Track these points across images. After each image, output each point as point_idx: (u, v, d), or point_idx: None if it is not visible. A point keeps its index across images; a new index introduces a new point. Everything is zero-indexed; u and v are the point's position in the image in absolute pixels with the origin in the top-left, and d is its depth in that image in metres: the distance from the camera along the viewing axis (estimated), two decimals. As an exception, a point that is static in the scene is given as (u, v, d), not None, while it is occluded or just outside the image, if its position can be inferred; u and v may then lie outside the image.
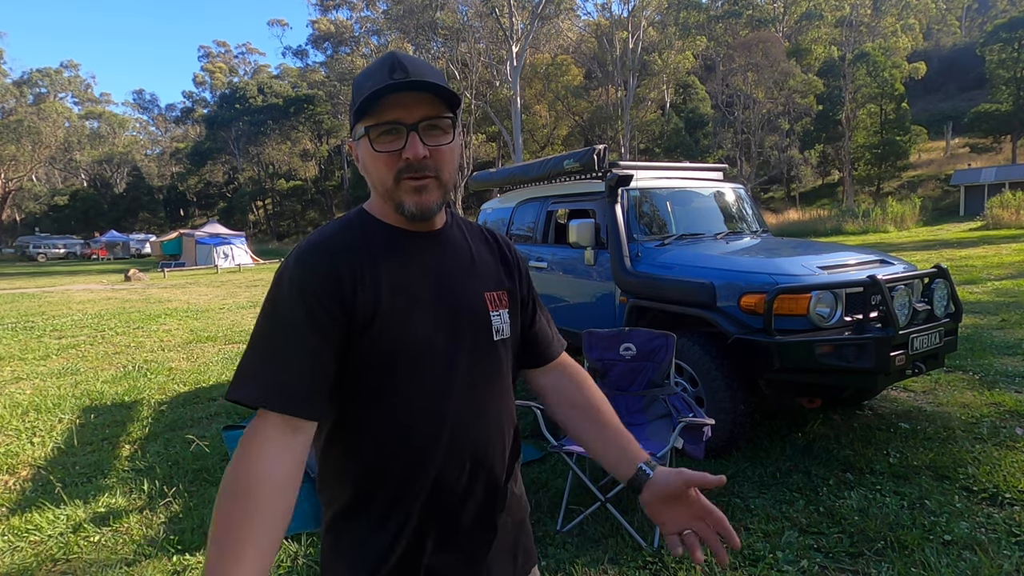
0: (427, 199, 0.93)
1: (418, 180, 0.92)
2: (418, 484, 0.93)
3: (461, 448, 0.95)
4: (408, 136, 0.90)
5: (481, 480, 0.98)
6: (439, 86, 0.90)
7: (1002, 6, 45.21)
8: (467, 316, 0.98)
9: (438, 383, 0.93)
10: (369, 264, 0.92)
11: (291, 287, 0.89)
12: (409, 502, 0.93)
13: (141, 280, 19.93)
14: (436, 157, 0.92)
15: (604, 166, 4.36)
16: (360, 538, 0.94)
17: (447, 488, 0.95)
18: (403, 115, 0.90)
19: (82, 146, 53.85)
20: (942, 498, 2.78)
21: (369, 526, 0.94)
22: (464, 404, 0.96)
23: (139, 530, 2.87)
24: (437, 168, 0.92)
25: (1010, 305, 7.14)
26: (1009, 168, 28.69)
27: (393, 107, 0.89)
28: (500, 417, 1.01)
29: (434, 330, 0.94)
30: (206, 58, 69.39)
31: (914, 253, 13.49)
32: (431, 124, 0.91)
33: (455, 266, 1.00)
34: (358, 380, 0.92)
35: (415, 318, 0.93)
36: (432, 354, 0.93)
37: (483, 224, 1.16)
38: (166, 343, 7.92)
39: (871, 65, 32.63)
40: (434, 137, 0.91)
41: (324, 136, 50.38)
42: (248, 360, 0.88)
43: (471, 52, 33.26)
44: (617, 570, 2.38)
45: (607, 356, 3.28)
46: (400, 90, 0.88)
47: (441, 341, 0.94)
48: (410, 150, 0.89)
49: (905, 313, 3.18)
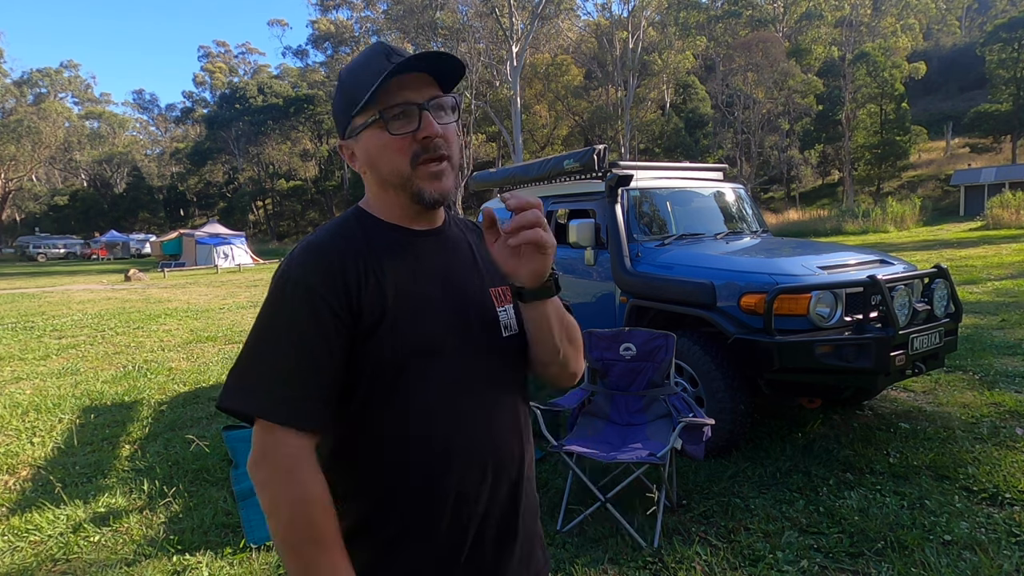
0: (445, 184, 0.91)
1: (436, 163, 0.90)
2: (443, 492, 0.89)
3: (481, 450, 0.92)
4: (421, 116, 0.88)
5: (504, 483, 0.95)
6: (444, 55, 0.88)
7: (1002, 6, 45.20)
8: (475, 314, 0.95)
9: (452, 384, 0.90)
10: (374, 263, 0.89)
11: (294, 289, 0.85)
12: (436, 515, 0.89)
13: (141, 280, 19.93)
14: (447, 138, 0.90)
15: (604, 166, 4.36)
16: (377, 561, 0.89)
17: (470, 495, 0.91)
18: (412, 95, 0.88)
19: (82, 146, 53.87)
20: (942, 498, 2.78)
21: (386, 546, 0.89)
22: (480, 404, 0.92)
23: (139, 530, 2.87)
24: (449, 148, 0.91)
25: (1010, 305, 7.14)
26: (1009, 168, 28.68)
27: (400, 90, 0.87)
28: (516, 415, 0.98)
29: (445, 330, 0.91)
30: (206, 58, 69.39)
31: (914, 253, 13.48)
32: (439, 103, 0.90)
33: (459, 264, 0.98)
34: (368, 387, 0.87)
35: (425, 318, 0.89)
36: (444, 354, 0.90)
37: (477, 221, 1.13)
38: (166, 343, 7.92)
39: (871, 65, 32.63)
40: (442, 116, 0.90)
41: (324, 136, 50.35)
42: (246, 366, 0.85)
43: (471, 52, 33.24)
44: (617, 570, 2.38)
45: (607, 356, 3.28)
46: (408, 70, 0.87)
47: (452, 340, 0.91)
48: (426, 128, 0.87)
49: (905, 313, 3.18)
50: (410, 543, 0.89)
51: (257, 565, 2.53)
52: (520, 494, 0.98)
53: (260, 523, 2.85)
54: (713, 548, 2.50)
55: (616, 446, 2.84)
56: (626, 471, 2.94)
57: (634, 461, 2.60)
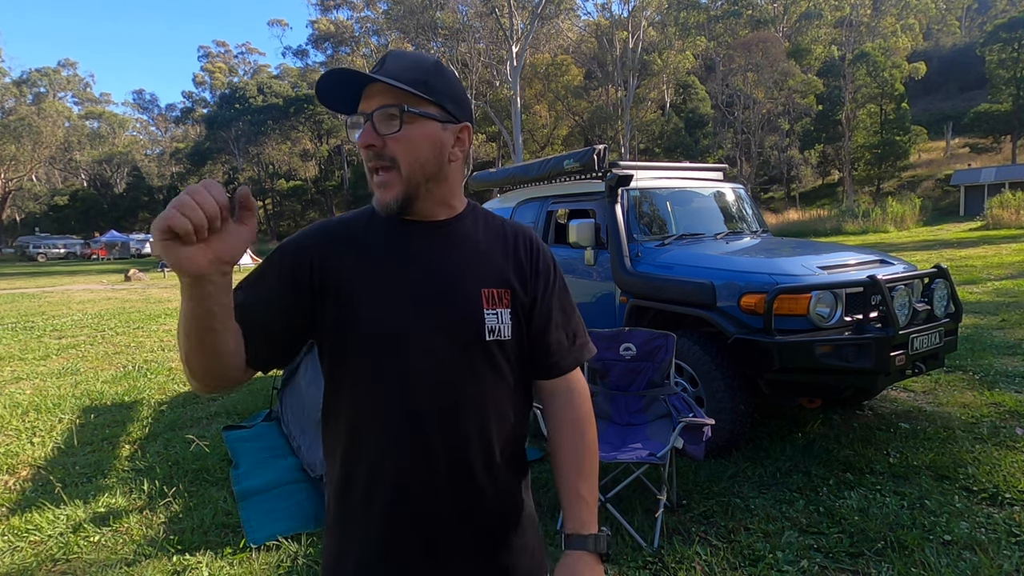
0: (386, 195, 0.93)
1: (380, 174, 0.93)
2: (385, 477, 0.93)
3: (432, 446, 0.92)
4: (364, 126, 0.91)
5: (462, 486, 0.94)
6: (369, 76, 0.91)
7: (1002, 6, 45.21)
8: (452, 310, 0.95)
9: (409, 374, 0.92)
10: (350, 249, 0.96)
11: (277, 251, 0.98)
12: (379, 499, 0.93)
13: (141, 280, 19.93)
14: (391, 145, 0.91)
15: (604, 166, 4.36)
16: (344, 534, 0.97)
17: (418, 490, 0.93)
18: (365, 106, 0.92)
19: (82, 146, 53.87)
20: (942, 498, 2.78)
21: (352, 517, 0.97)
22: (438, 400, 0.92)
23: (139, 530, 2.87)
24: (395, 157, 0.91)
25: (1010, 305, 7.14)
26: (1009, 168, 28.69)
27: (364, 99, 0.93)
28: (485, 419, 0.95)
29: (412, 320, 0.93)
30: (206, 58, 69.37)
31: (914, 253, 13.48)
32: (386, 113, 0.90)
33: (453, 259, 0.97)
34: (335, 363, 0.96)
35: (390, 306, 0.93)
36: (406, 343, 0.92)
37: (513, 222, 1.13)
38: (166, 343, 7.92)
39: (871, 65, 32.63)
40: (387, 125, 0.91)
41: (324, 136, 50.35)
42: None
43: (471, 52, 33.25)
44: (617, 570, 2.38)
45: (607, 356, 3.28)
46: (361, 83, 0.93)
47: (417, 332, 0.92)
48: (362, 137, 0.91)
49: (905, 313, 3.18)
50: (353, 517, 0.96)
51: (257, 565, 2.53)
52: (491, 499, 0.97)
53: (260, 523, 2.85)
54: (713, 548, 2.50)
55: (616, 446, 2.84)
56: (626, 471, 2.94)
57: (634, 461, 2.60)
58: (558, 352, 1.04)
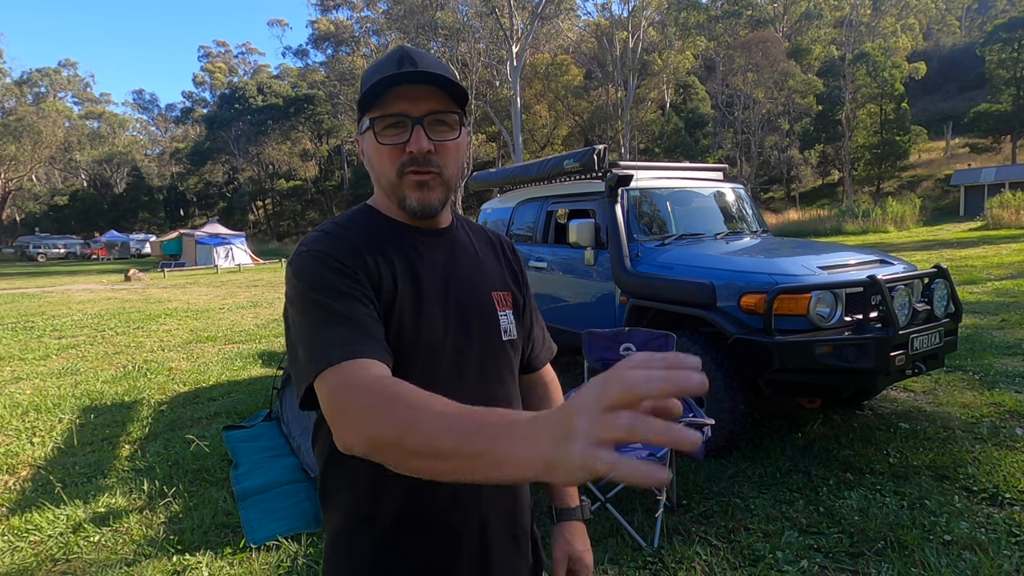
0: (429, 196, 0.91)
1: (421, 175, 0.89)
2: (433, 492, 0.88)
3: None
4: (413, 129, 0.87)
5: (501, 489, 0.94)
6: (446, 79, 0.87)
7: (1002, 6, 45.21)
8: (476, 315, 0.96)
9: (449, 381, 0.89)
10: (382, 253, 0.89)
11: (309, 263, 0.84)
12: (426, 512, 0.89)
13: (141, 280, 19.92)
14: (441, 153, 0.89)
15: (604, 166, 4.36)
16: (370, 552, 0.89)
17: (465, 499, 0.91)
18: (409, 108, 0.87)
19: (82, 146, 53.86)
20: (942, 498, 2.78)
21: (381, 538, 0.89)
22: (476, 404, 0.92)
23: (139, 530, 2.87)
24: (441, 164, 0.90)
25: (1010, 305, 7.14)
26: (1009, 168, 28.69)
27: (399, 100, 0.87)
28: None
29: (444, 327, 0.91)
30: (206, 58, 69.39)
31: (914, 253, 13.48)
32: (437, 119, 0.88)
33: (463, 265, 0.98)
34: None
35: (426, 313, 0.90)
36: (443, 351, 0.91)
37: (484, 225, 1.14)
38: (166, 343, 7.92)
39: (871, 65, 32.63)
40: (440, 132, 0.89)
41: (324, 136, 50.37)
42: (292, 356, 0.83)
43: (471, 52, 33.23)
44: (617, 570, 2.38)
45: (607, 356, 3.28)
46: (406, 82, 0.86)
47: (452, 338, 0.92)
48: (414, 143, 0.87)
49: (905, 313, 3.18)
50: (410, 534, 0.89)
51: (257, 565, 2.53)
52: (519, 500, 1.00)
53: (260, 523, 2.85)
54: (713, 548, 2.50)
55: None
56: (626, 471, 2.93)
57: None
58: (540, 347, 1.14)
